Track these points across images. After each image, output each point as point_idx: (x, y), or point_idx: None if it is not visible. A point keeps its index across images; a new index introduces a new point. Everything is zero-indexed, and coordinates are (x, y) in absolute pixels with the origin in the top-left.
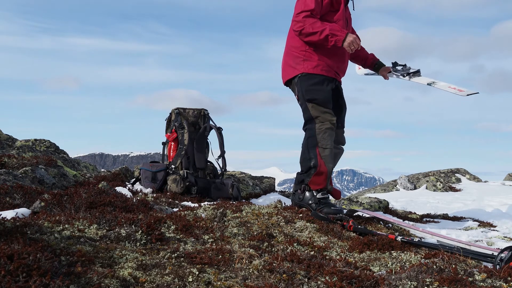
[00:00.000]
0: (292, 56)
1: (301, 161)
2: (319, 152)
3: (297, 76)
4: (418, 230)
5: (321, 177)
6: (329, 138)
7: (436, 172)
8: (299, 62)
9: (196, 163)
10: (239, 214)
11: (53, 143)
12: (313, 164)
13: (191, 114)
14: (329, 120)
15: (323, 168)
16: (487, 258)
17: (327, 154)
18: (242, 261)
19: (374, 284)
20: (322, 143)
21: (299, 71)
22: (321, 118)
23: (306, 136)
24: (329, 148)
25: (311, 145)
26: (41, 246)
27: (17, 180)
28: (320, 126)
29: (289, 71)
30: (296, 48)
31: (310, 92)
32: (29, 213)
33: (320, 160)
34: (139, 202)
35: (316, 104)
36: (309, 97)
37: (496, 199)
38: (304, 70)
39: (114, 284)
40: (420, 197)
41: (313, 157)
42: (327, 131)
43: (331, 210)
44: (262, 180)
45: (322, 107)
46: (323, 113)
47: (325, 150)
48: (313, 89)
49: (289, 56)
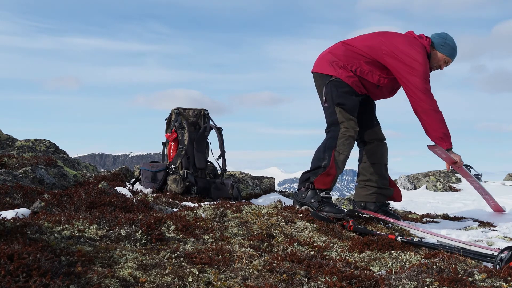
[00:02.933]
0: (335, 56)
1: (313, 159)
2: (334, 156)
3: (330, 78)
4: (418, 230)
5: (328, 178)
6: (348, 146)
7: (436, 172)
8: (336, 66)
9: (196, 163)
10: (239, 214)
11: (53, 143)
12: (323, 165)
13: (191, 114)
14: (353, 128)
15: (333, 170)
16: (487, 258)
17: (341, 160)
18: (242, 261)
19: (374, 284)
20: (340, 148)
21: (333, 73)
22: (346, 124)
23: (328, 137)
24: (345, 155)
25: (329, 147)
26: (41, 246)
27: (17, 180)
28: (345, 132)
29: (325, 66)
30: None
31: (340, 97)
32: (29, 213)
33: (333, 162)
34: (139, 202)
35: (344, 110)
36: (338, 101)
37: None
38: (338, 75)
39: (114, 284)
40: (420, 197)
41: (326, 158)
42: (349, 138)
43: (332, 209)
44: (262, 180)
45: (349, 114)
46: (349, 119)
47: (341, 156)
48: (344, 96)
49: (333, 53)
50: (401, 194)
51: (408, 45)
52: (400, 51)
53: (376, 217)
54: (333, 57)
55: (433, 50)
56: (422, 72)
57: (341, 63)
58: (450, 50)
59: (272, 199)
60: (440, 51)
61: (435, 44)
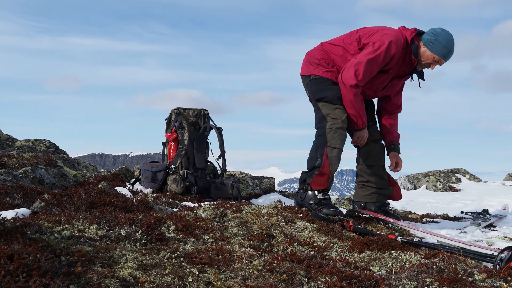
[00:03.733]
0: (312, 56)
1: (308, 159)
2: (327, 152)
3: (309, 78)
4: (418, 230)
5: (323, 178)
6: (338, 137)
7: (436, 172)
8: (313, 64)
9: (196, 163)
10: (239, 214)
11: (53, 143)
12: (317, 164)
13: (191, 114)
14: (340, 117)
15: (326, 169)
16: (487, 258)
17: (334, 155)
18: (242, 261)
19: (374, 284)
20: (331, 142)
21: (311, 72)
22: (332, 114)
23: (317, 135)
24: (338, 148)
25: (320, 144)
26: (41, 246)
27: (17, 180)
28: (331, 125)
29: (304, 67)
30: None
31: (320, 92)
32: (29, 213)
33: (326, 160)
34: (139, 202)
35: (327, 102)
36: (318, 97)
37: (496, 199)
38: (316, 73)
39: (114, 284)
40: (420, 197)
41: (319, 156)
42: (337, 130)
43: (330, 211)
44: (262, 180)
45: (333, 104)
46: (334, 109)
47: (333, 151)
48: (323, 89)
49: (310, 54)
50: (401, 192)
51: (382, 29)
52: (371, 30)
53: (376, 217)
54: (310, 57)
55: (422, 46)
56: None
57: (317, 61)
58: (441, 49)
59: (272, 199)
60: (428, 49)
61: (424, 40)
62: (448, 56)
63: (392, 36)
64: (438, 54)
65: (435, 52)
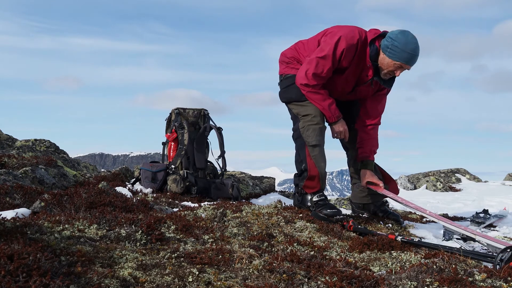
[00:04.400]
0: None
1: (295, 162)
2: (309, 153)
3: (281, 78)
4: (425, 212)
5: (313, 181)
6: (313, 133)
7: (436, 172)
8: (283, 63)
9: (196, 163)
10: (239, 214)
11: (53, 143)
12: (303, 168)
13: (191, 114)
14: (310, 113)
15: (314, 171)
16: (487, 258)
17: (316, 154)
18: (242, 261)
19: (374, 284)
20: (308, 140)
21: (282, 72)
22: (302, 112)
23: (294, 138)
24: (317, 145)
25: (300, 146)
26: (41, 246)
27: (17, 180)
28: (303, 124)
29: (279, 67)
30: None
31: (285, 93)
32: (29, 213)
33: (310, 161)
34: (139, 202)
35: (295, 102)
36: (285, 100)
37: (496, 199)
38: (286, 72)
39: (114, 284)
40: (420, 197)
41: (303, 159)
42: (309, 127)
43: (328, 212)
44: (262, 180)
45: (300, 102)
46: (303, 106)
47: (314, 149)
48: (288, 89)
49: (283, 53)
50: (398, 188)
51: (342, 27)
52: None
53: (376, 217)
54: (282, 56)
55: (381, 53)
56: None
57: (288, 59)
58: (399, 53)
59: (272, 199)
60: (387, 55)
61: (382, 46)
62: (411, 60)
63: (343, 32)
64: (398, 59)
65: (393, 58)
